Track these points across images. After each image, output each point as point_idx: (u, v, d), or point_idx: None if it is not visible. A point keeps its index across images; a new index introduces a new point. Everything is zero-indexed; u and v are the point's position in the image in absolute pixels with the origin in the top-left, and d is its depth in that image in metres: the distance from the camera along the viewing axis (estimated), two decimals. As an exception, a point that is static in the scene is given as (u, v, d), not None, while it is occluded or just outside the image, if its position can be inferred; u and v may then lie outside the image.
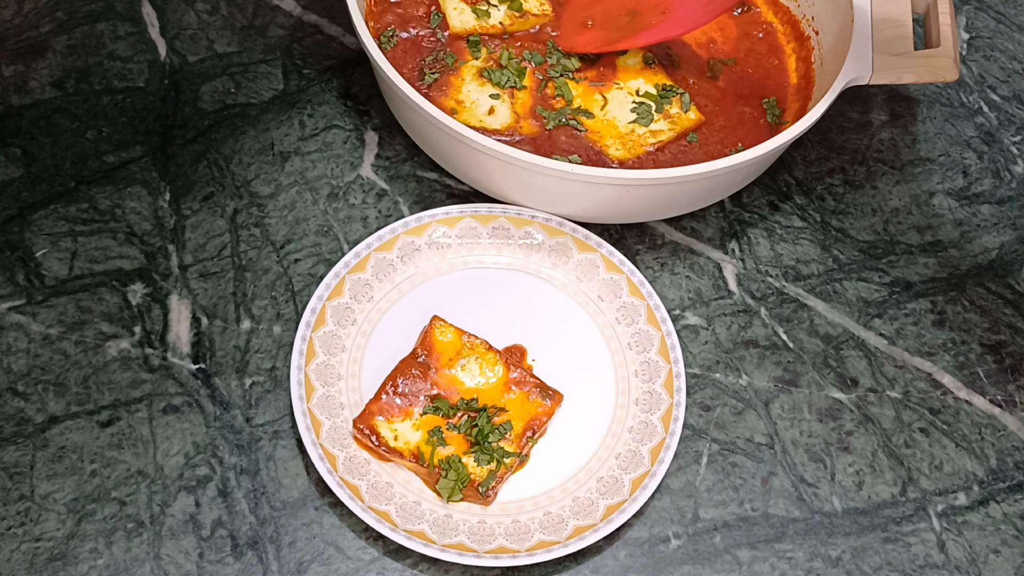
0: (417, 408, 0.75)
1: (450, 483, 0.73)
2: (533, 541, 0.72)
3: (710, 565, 0.74)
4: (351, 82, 0.94)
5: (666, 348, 0.79)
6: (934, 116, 0.97)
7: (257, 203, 0.87)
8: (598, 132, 0.88)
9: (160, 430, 0.76)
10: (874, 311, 0.85)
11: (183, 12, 0.97)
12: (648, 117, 0.88)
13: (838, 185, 0.92)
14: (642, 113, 0.88)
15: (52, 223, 0.84)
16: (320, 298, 0.79)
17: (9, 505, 0.72)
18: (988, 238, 0.90)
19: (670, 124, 0.88)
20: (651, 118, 0.88)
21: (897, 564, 0.75)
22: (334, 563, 0.72)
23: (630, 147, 0.87)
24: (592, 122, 0.88)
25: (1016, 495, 0.78)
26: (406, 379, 0.76)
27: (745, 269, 0.87)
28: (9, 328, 0.79)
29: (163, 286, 0.82)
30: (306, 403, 0.75)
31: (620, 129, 0.88)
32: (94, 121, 0.90)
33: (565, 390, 0.78)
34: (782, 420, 0.80)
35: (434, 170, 0.89)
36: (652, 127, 0.88)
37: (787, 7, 0.97)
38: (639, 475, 0.74)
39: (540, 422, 0.75)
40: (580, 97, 0.89)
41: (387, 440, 0.74)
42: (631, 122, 0.88)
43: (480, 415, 0.75)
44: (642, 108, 0.88)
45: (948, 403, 0.82)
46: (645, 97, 0.89)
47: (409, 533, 0.71)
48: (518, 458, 0.74)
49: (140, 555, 0.71)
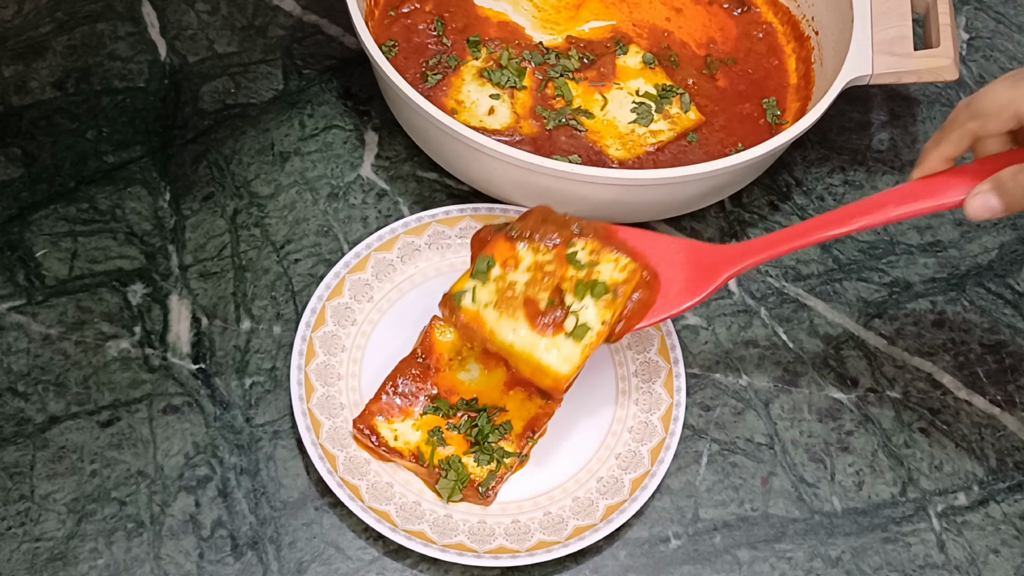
0: (417, 408, 0.75)
1: (450, 483, 0.73)
2: (533, 541, 0.72)
3: (710, 565, 0.74)
4: (351, 82, 0.94)
5: (666, 348, 0.79)
6: (934, 116, 0.97)
7: (257, 203, 0.87)
8: (598, 132, 0.88)
9: (160, 430, 0.76)
10: (874, 311, 0.85)
11: (183, 12, 0.97)
12: (648, 117, 0.88)
13: (838, 185, 0.92)
14: (642, 113, 0.88)
15: (52, 223, 0.84)
16: (320, 298, 0.79)
17: (9, 505, 0.72)
18: (988, 238, 0.90)
19: (670, 124, 0.88)
20: (651, 118, 0.88)
21: (897, 564, 0.75)
22: (334, 563, 0.72)
23: (630, 147, 0.87)
24: (592, 122, 0.88)
25: (1016, 495, 0.78)
26: (406, 379, 0.76)
27: (745, 269, 0.87)
28: (9, 328, 0.79)
29: (163, 286, 0.82)
30: (306, 403, 0.75)
31: (620, 129, 0.88)
32: (94, 121, 0.90)
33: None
34: (782, 420, 0.80)
35: (434, 170, 0.89)
36: (652, 127, 0.88)
37: (787, 7, 0.97)
38: (639, 475, 0.74)
39: (540, 422, 0.75)
40: (580, 97, 0.89)
41: (387, 440, 0.74)
42: (631, 122, 0.88)
43: (480, 415, 0.75)
44: (642, 108, 0.88)
45: (948, 403, 0.82)
46: (645, 97, 0.89)
47: (409, 533, 0.71)
48: (518, 458, 0.74)
49: (140, 555, 0.71)
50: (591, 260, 0.69)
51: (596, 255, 0.69)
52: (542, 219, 0.71)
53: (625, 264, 0.69)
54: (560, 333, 0.68)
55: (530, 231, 0.70)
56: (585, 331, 0.68)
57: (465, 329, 0.71)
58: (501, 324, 0.69)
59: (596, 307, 0.68)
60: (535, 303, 0.68)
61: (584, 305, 0.68)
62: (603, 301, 0.68)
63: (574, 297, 0.68)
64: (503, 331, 0.69)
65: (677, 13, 0.98)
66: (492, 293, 0.69)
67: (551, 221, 0.71)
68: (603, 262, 0.69)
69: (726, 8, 0.98)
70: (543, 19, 0.96)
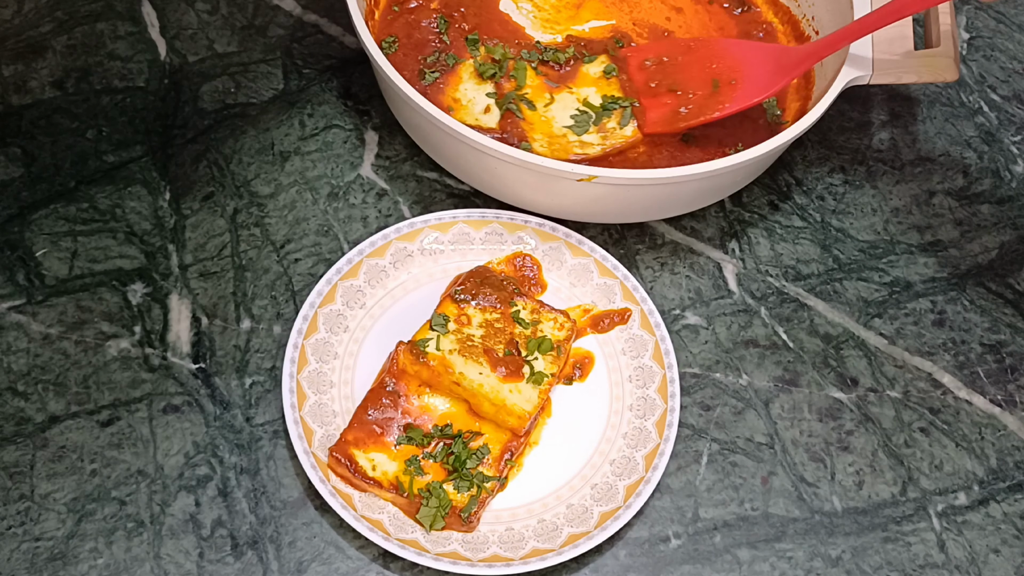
0: (391, 438, 0.74)
1: (432, 511, 0.71)
2: (527, 549, 0.72)
3: (710, 565, 0.74)
4: (351, 82, 0.94)
5: (660, 353, 0.79)
6: (934, 116, 0.97)
7: (257, 203, 0.87)
8: (531, 124, 0.87)
9: (160, 430, 0.76)
10: (874, 311, 0.85)
11: (183, 12, 0.97)
12: (584, 127, 0.87)
13: (838, 185, 0.92)
14: (580, 122, 0.87)
15: (52, 223, 0.84)
16: (312, 305, 0.79)
17: (9, 505, 0.72)
18: (988, 238, 0.90)
19: (601, 139, 0.87)
20: (586, 129, 0.87)
21: (897, 564, 0.75)
22: (334, 563, 0.72)
23: (555, 149, 0.86)
24: (531, 114, 0.87)
25: (1016, 495, 0.78)
26: (376, 409, 0.75)
27: (745, 269, 0.87)
28: (9, 328, 0.79)
29: (163, 286, 0.82)
30: (298, 411, 0.74)
31: (553, 129, 0.87)
32: (94, 121, 0.90)
33: (559, 395, 0.78)
34: (782, 420, 0.80)
35: (434, 170, 0.89)
36: (584, 138, 0.87)
37: (787, 7, 0.97)
38: (633, 481, 0.74)
39: (517, 444, 0.75)
40: (532, 88, 0.89)
41: (365, 470, 0.72)
42: (566, 126, 0.87)
43: (456, 442, 0.74)
44: (582, 117, 0.87)
45: (948, 403, 0.82)
46: (588, 107, 0.88)
47: (402, 542, 0.70)
48: (499, 482, 0.74)
49: (140, 555, 0.71)
50: (534, 319, 0.78)
51: (537, 314, 0.78)
52: (480, 282, 0.79)
53: (563, 323, 0.78)
54: (520, 380, 0.75)
55: (471, 294, 0.78)
56: (542, 378, 0.76)
57: (433, 373, 0.75)
58: (469, 367, 0.75)
59: (545, 360, 0.77)
60: (493, 352, 0.76)
61: (535, 357, 0.77)
62: (550, 356, 0.77)
63: (527, 351, 0.77)
64: (471, 373, 0.75)
65: (677, 12, 0.98)
66: (454, 342, 0.76)
67: (488, 284, 0.79)
68: (544, 320, 0.78)
69: (726, 7, 0.98)
70: (543, 19, 0.96)
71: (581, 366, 0.80)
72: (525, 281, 0.82)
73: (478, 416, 0.75)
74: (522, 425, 0.74)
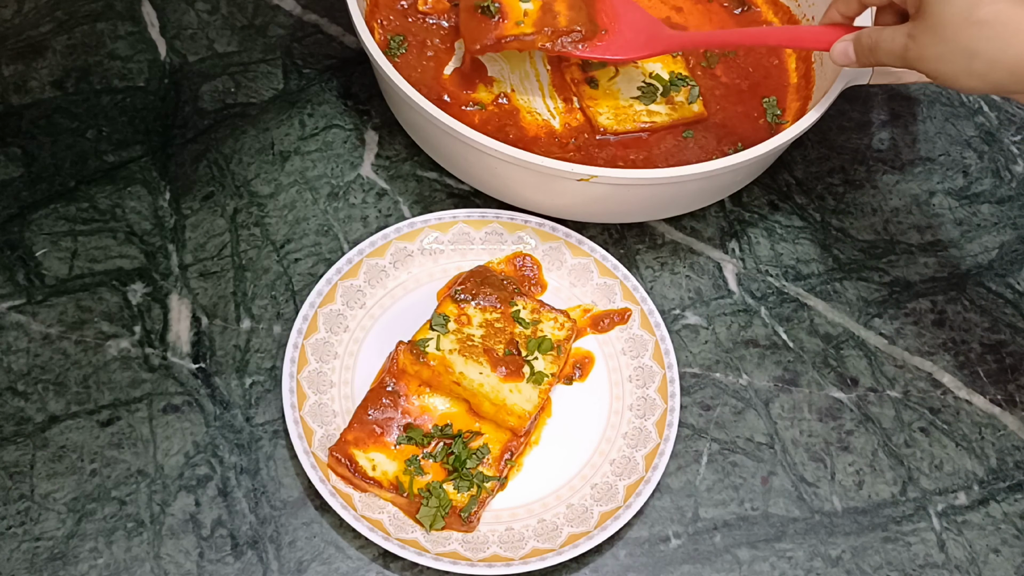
0: (391, 438, 0.74)
1: (432, 510, 0.71)
2: (527, 549, 0.72)
3: (710, 564, 0.74)
4: (351, 82, 0.94)
5: (660, 353, 0.79)
6: (934, 116, 0.97)
7: (257, 203, 0.87)
8: (595, 99, 0.88)
9: (160, 429, 0.76)
10: (874, 311, 0.85)
11: (183, 12, 0.97)
12: (651, 97, 0.89)
13: (838, 185, 0.92)
14: (647, 92, 0.89)
15: (52, 223, 0.84)
16: (312, 305, 0.79)
17: (9, 505, 0.72)
18: (988, 238, 0.90)
19: (670, 109, 0.89)
20: (654, 99, 0.89)
21: (897, 564, 0.75)
22: (334, 562, 0.72)
23: (622, 119, 0.88)
24: (594, 91, 0.89)
25: (1016, 495, 0.78)
26: (376, 409, 0.75)
27: (745, 269, 0.87)
28: (9, 328, 0.79)
29: (163, 286, 0.82)
30: (298, 411, 0.74)
31: (619, 101, 0.88)
32: (94, 121, 0.90)
33: (559, 395, 0.78)
34: (782, 420, 0.80)
35: (434, 170, 0.89)
36: (652, 107, 0.88)
37: (787, 7, 0.97)
38: (633, 481, 0.74)
39: (517, 444, 0.75)
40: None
41: (365, 470, 0.72)
42: (633, 97, 0.89)
43: (456, 442, 0.74)
44: (649, 88, 0.89)
45: (948, 403, 0.82)
46: (656, 80, 0.90)
47: (402, 542, 0.70)
48: (499, 481, 0.74)
49: (140, 554, 0.71)
50: (534, 319, 0.78)
51: (537, 314, 0.78)
52: (480, 282, 0.79)
53: (563, 322, 0.78)
54: (520, 380, 0.75)
55: (472, 294, 0.78)
56: (542, 377, 0.75)
57: (433, 372, 0.75)
58: (469, 367, 0.75)
59: (545, 360, 0.76)
60: (493, 351, 0.76)
61: (536, 357, 0.76)
62: (550, 356, 0.77)
63: (527, 351, 0.76)
64: (471, 373, 0.75)
65: (677, 12, 0.98)
66: (454, 342, 0.76)
67: (488, 283, 0.79)
68: (544, 320, 0.78)
69: (726, 7, 0.98)
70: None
71: (581, 366, 0.80)
72: (525, 281, 0.82)
73: (478, 416, 0.75)
74: (522, 425, 0.74)
